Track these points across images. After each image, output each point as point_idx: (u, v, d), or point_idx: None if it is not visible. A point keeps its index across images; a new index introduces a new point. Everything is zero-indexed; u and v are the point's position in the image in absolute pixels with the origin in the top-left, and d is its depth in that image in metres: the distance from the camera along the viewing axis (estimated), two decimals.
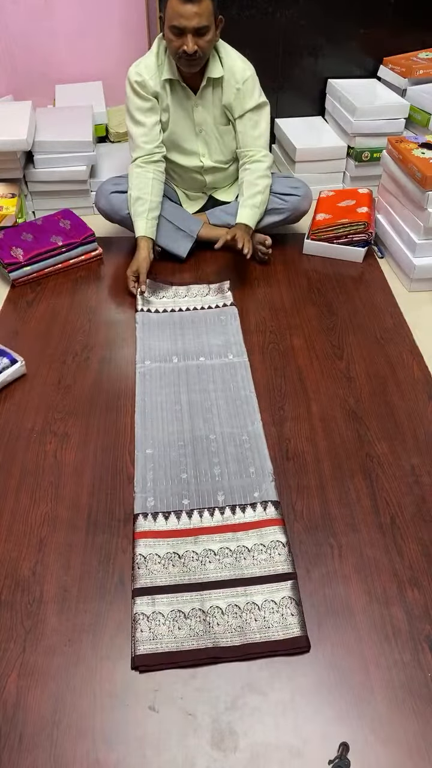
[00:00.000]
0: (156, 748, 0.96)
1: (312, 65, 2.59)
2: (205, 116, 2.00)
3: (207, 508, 1.31)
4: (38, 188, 2.40)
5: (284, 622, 1.10)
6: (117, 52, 2.82)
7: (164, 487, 1.36)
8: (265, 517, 1.28)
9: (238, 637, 1.09)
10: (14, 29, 2.68)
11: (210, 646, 1.08)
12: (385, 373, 1.67)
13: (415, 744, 0.97)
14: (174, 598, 1.15)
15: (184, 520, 1.29)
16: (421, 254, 1.98)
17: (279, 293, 1.99)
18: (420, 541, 1.25)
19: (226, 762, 0.95)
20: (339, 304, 1.94)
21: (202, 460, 1.42)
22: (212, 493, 1.34)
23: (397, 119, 2.46)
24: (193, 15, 1.72)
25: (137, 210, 1.99)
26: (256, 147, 2.03)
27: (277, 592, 1.15)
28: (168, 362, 1.71)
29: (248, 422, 1.51)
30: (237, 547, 1.23)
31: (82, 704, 1.01)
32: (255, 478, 1.37)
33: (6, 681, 1.04)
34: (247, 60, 1.96)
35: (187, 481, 1.37)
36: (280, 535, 1.24)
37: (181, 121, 2.02)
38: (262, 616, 1.11)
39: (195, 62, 1.83)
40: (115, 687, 1.03)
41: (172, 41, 1.79)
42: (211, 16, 1.76)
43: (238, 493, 1.34)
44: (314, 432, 1.50)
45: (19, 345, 1.78)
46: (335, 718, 1.00)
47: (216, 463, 1.41)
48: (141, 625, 1.10)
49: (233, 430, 1.50)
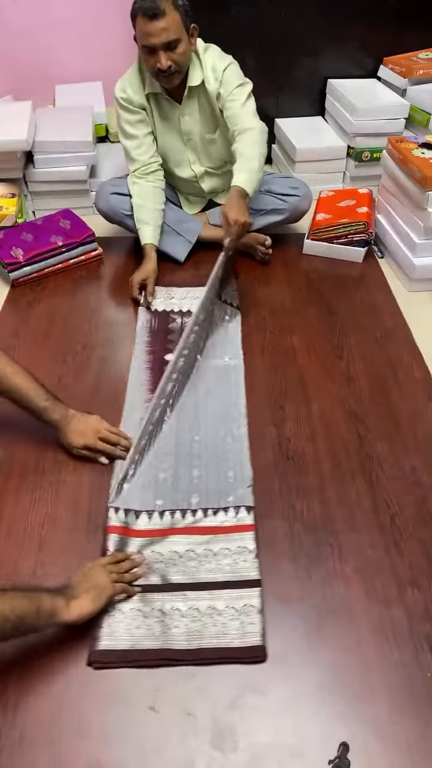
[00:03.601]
0: (156, 748, 0.96)
1: (312, 65, 2.59)
2: (192, 125, 1.99)
3: (179, 509, 1.30)
4: (38, 188, 2.40)
5: (243, 630, 1.09)
6: (117, 52, 2.81)
7: (140, 485, 1.35)
8: (236, 522, 1.27)
9: (196, 641, 1.08)
10: (14, 29, 2.68)
11: (165, 647, 1.07)
12: (385, 373, 1.67)
13: (415, 744, 0.97)
14: (136, 596, 1.14)
15: (155, 520, 1.28)
16: (421, 254, 1.98)
17: (279, 293, 1.99)
18: (420, 541, 1.25)
19: (226, 762, 0.95)
20: (339, 304, 1.94)
21: (184, 461, 1.41)
22: (187, 494, 1.33)
23: (397, 119, 2.46)
24: (160, 31, 1.70)
25: (141, 217, 1.99)
26: (244, 117, 1.87)
27: (239, 600, 1.13)
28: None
29: (234, 426, 1.50)
30: (203, 551, 1.22)
31: (81, 704, 1.01)
32: (233, 482, 1.36)
33: (6, 681, 1.04)
34: (225, 55, 1.91)
35: (164, 481, 1.37)
36: (249, 542, 1.23)
37: (169, 133, 2.01)
38: (222, 622, 1.10)
39: (172, 77, 1.82)
40: (115, 687, 1.03)
41: (147, 60, 1.78)
42: (181, 27, 1.74)
43: (213, 497, 1.33)
44: (314, 432, 1.50)
45: (19, 345, 1.78)
46: (335, 718, 1.00)
47: (196, 465, 1.40)
48: (101, 621, 1.10)
49: (218, 433, 1.48)
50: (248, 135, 1.86)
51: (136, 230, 2.10)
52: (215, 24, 1.82)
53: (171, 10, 1.70)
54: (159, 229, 2.02)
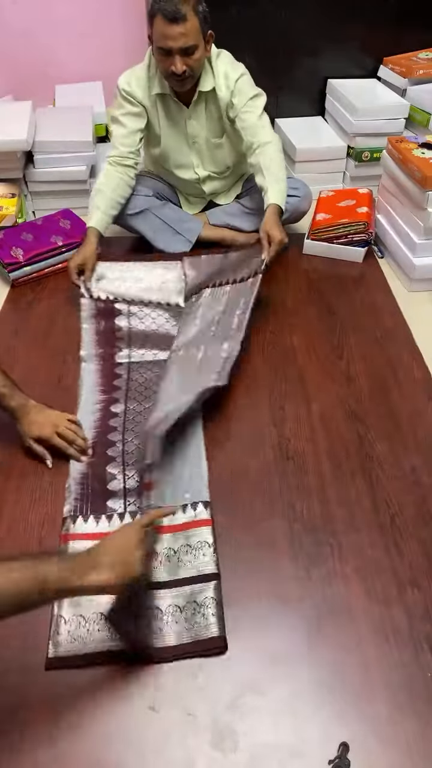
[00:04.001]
0: (156, 748, 0.96)
1: (312, 65, 2.60)
2: (198, 129, 1.99)
3: (139, 509, 1.29)
4: (38, 188, 2.40)
5: (205, 623, 1.09)
6: (117, 52, 2.81)
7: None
8: (194, 518, 1.27)
9: (159, 640, 1.08)
10: (14, 29, 2.68)
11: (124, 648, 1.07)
12: (385, 373, 1.67)
13: (415, 744, 0.97)
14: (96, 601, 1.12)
15: (115, 523, 1.28)
16: (421, 254, 1.98)
17: (279, 293, 1.99)
18: (420, 541, 1.25)
19: (226, 762, 0.95)
20: (339, 304, 1.94)
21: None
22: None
23: (397, 119, 2.46)
24: (180, 35, 1.69)
25: (96, 202, 1.97)
26: (264, 131, 1.92)
27: (200, 593, 1.14)
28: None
29: (188, 424, 1.48)
30: (164, 550, 1.22)
31: (82, 704, 1.01)
32: (190, 480, 1.36)
33: (6, 681, 1.04)
34: (238, 63, 1.93)
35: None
36: (208, 536, 1.23)
37: (174, 135, 2.01)
38: (183, 618, 1.10)
39: (185, 81, 1.81)
40: (115, 687, 1.03)
41: (161, 61, 1.77)
42: (199, 33, 1.73)
43: (170, 495, 1.32)
44: (314, 432, 1.50)
45: (19, 345, 1.78)
46: (335, 718, 1.00)
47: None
48: (60, 627, 1.09)
49: (173, 429, 1.44)
50: (270, 150, 1.91)
51: (136, 230, 2.11)
52: (215, 24, 1.81)
53: (192, 16, 1.68)
54: (109, 218, 1.98)
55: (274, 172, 1.89)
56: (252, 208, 2.13)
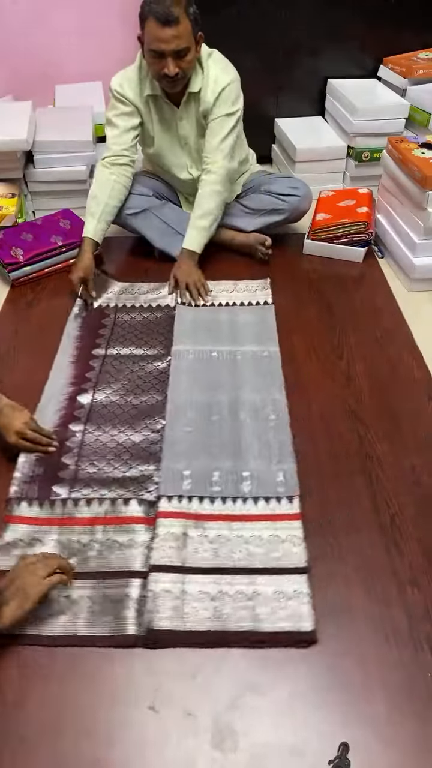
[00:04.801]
0: (156, 748, 0.96)
1: (312, 65, 2.59)
2: (188, 130, 1.99)
3: (231, 497, 1.32)
4: (38, 188, 2.40)
5: (297, 615, 1.10)
6: (117, 52, 2.80)
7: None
8: (289, 511, 1.29)
9: (247, 623, 1.09)
10: (14, 29, 2.68)
11: (220, 629, 1.09)
12: (385, 373, 1.67)
13: (415, 744, 0.97)
14: (197, 578, 1.16)
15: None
16: (421, 254, 1.98)
17: (279, 293, 1.99)
18: (420, 541, 1.25)
19: (226, 762, 0.95)
20: (339, 304, 1.94)
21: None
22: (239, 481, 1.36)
23: (397, 119, 2.46)
24: (172, 38, 1.69)
25: (91, 209, 1.96)
26: (217, 155, 1.92)
27: (290, 585, 1.15)
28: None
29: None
30: (250, 536, 1.24)
31: (82, 704, 1.01)
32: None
33: (6, 681, 1.04)
34: (231, 67, 1.91)
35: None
36: (297, 530, 1.25)
37: (166, 136, 2.01)
38: (270, 606, 1.11)
39: (177, 83, 1.81)
40: (115, 687, 1.04)
41: (153, 64, 1.77)
42: (191, 36, 1.73)
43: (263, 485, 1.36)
44: (314, 432, 1.50)
45: (19, 345, 1.78)
46: (335, 718, 1.00)
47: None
48: (159, 601, 1.11)
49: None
50: (211, 182, 1.94)
51: (136, 230, 2.10)
52: (215, 24, 1.81)
53: (183, 18, 1.68)
54: (105, 224, 1.98)
55: (203, 212, 1.95)
56: (252, 208, 2.13)
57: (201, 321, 1.85)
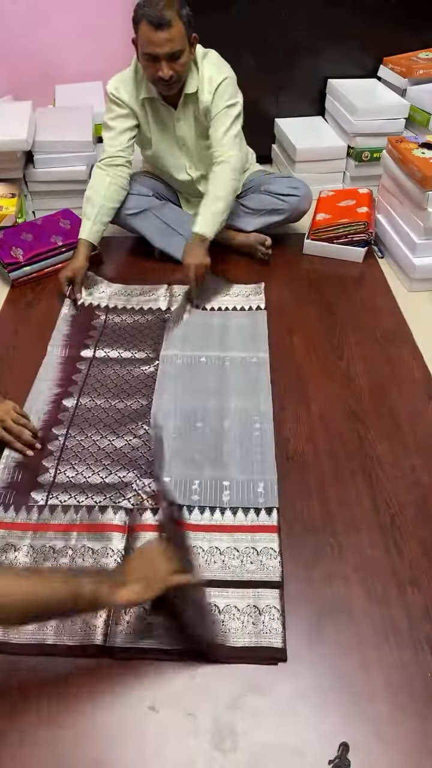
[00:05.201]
0: (156, 748, 0.96)
1: (312, 65, 2.60)
2: (186, 131, 1.98)
3: (211, 507, 1.31)
4: (38, 188, 2.40)
5: (267, 631, 1.09)
6: (117, 52, 2.80)
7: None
8: (262, 523, 1.28)
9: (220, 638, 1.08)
10: (14, 29, 2.68)
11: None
12: (385, 373, 1.67)
13: (416, 744, 0.97)
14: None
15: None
16: (421, 254, 1.98)
17: (279, 293, 1.99)
18: (420, 541, 1.25)
19: (226, 762, 0.95)
20: (339, 304, 1.94)
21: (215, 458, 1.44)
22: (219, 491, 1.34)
23: (397, 119, 2.47)
24: (165, 41, 1.69)
25: (86, 211, 1.96)
26: (224, 146, 1.90)
27: (261, 600, 1.13)
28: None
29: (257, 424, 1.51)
30: (226, 548, 1.22)
31: (81, 704, 1.01)
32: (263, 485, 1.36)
33: (7, 680, 1.04)
34: (226, 65, 1.90)
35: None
36: (274, 543, 1.24)
37: (164, 137, 2.01)
38: (242, 622, 1.10)
39: (172, 86, 1.81)
40: (115, 687, 1.03)
41: (148, 67, 1.77)
42: (184, 38, 1.72)
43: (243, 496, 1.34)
44: (314, 432, 1.50)
45: (19, 345, 1.78)
46: (335, 718, 1.00)
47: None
48: (125, 617, 1.10)
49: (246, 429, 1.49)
50: (223, 170, 1.89)
51: (136, 230, 2.10)
52: (215, 24, 1.81)
53: (176, 21, 1.68)
54: (101, 226, 1.98)
55: (214, 198, 1.88)
56: (252, 208, 2.13)
57: (192, 325, 1.84)
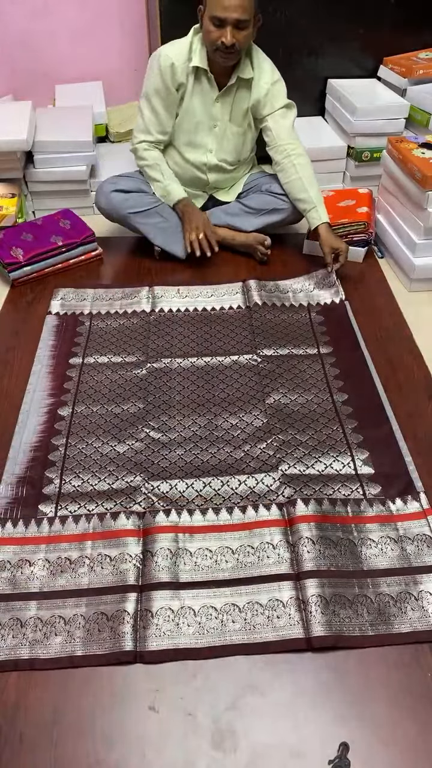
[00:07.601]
0: (156, 748, 0.96)
1: (312, 65, 2.59)
2: (224, 113, 1.99)
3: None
4: (38, 188, 2.40)
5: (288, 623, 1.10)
6: (117, 52, 2.82)
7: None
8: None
9: (250, 634, 1.09)
10: (14, 29, 2.68)
11: (220, 644, 1.08)
12: (385, 373, 1.67)
13: (415, 744, 0.97)
14: (185, 594, 1.15)
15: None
16: (421, 254, 1.98)
17: None
18: None
19: (226, 762, 0.95)
20: None
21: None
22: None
23: (397, 119, 2.46)
24: (236, 7, 1.72)
25: (165, 175, 2.04)
26: (296, 140, 2.02)
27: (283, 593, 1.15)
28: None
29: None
30: (239, 547, 1.23)
31: (82, 704, 1.01)
32: None
33: (7, 681, 1.04)
34: (275, 67, 1.99)
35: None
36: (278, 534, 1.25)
37: (198, 112, 1.99)
38: (266, 615, 1.11)
39: (232, 55, 1.83)
40: (115, 687, 1.04)
41: (211, 32, 1.78)
42: (252, 10, 1.77)
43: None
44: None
45: (19, 345, 1.78)
46: (335, 718, 1.00)
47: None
48: (153, 620, 1.10)
49: None
50: (305, 161, 2.01)
51: (137, 228, 2.09)
52: None
53: None
54: (180, 185, 2.08)
55: (316, 189, 2.00)
56: (253, 208, 2.13)
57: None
